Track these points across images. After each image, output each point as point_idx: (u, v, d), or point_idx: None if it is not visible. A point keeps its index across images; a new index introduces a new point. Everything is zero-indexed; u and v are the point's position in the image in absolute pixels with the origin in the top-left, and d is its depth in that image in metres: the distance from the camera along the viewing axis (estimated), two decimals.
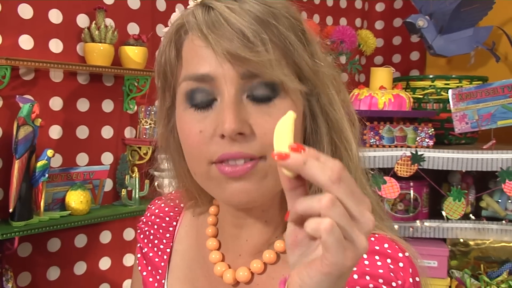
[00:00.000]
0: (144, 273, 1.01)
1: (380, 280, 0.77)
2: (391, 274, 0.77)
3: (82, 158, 2.13)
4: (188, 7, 0.81)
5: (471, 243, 2.42)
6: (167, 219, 1.02)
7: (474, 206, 2.35)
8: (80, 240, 2.16)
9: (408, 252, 0.80)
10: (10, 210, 1.83)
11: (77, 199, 1.97)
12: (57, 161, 2.02)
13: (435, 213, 2.35)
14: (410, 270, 0.78)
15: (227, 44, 0.72)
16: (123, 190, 2.16)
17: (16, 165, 1.82)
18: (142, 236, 1.04)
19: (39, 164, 1.88)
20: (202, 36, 0.74)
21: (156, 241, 1.01)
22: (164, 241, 1.00)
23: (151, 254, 1.01)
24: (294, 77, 0.76)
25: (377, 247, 0.81)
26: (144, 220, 1.05)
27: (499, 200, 2.31)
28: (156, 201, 1.07)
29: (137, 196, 2.16)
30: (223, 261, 0.89)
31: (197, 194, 0.93)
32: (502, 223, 2.27)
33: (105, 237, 2.20)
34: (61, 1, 2.02)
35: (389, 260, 0.78)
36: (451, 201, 2.24)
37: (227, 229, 0.90)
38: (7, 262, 1.91)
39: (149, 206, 1.07)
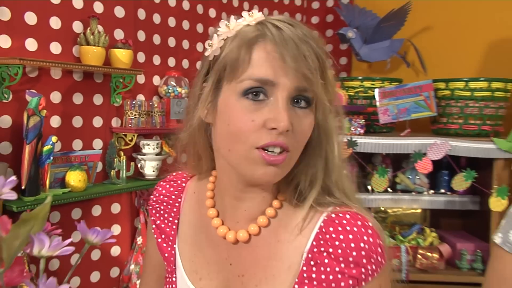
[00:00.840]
0: (159, 240, 1.02)
1: (357, 252, 0.80)
2: (364, 237, 0.80)
3: (77, 144, 2.11)
4: (244, 19, 0.83)
5: (389, 210, 2.56)
6: (173, 197, 1.03)
7: (391, 181, 2.42)
8: (76, 213, 2.13)
9: (371, 222, 0.82)
10: (22, 187, 1.81)
11: (76, 178, 1.97)
12: (57, 146, 1.98)
13: (361, 188, 2.40)
14: (376, 235, 0.81)
15: (294, 62, 0.76)
16: (112, 171, 2.15)
17: (27, 149, 1.81)
18: (154, 211, 1.05)
19: (45, 148, 1.87)
20: (278, 48, 0.77)
21: (166, 215, 1.02)
22: (172, 214, 1.02)
23: (163, 226, 1.02)
24: (325, 96, 0.81)
25: (353, 220, 0.83)
26: (154, 199, 1.05)
27: (410, 177, 2.42)
28: (161, 183, 1.07)
29: (124, 175, 2.16)
30: (223, 225, 0.92)
31: (206, 161, 0.96)
32: (412, 194, 2.40)
33: (96, 210, 2.18)
34: (60, 10, 2.01)
35: (363, 235, 0.80)
36: (377, 177, 2.31)
37: (227, 201, 0.91)
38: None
39: (156, 187, 1.07)
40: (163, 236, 1.00)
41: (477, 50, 2.72)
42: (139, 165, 2.22)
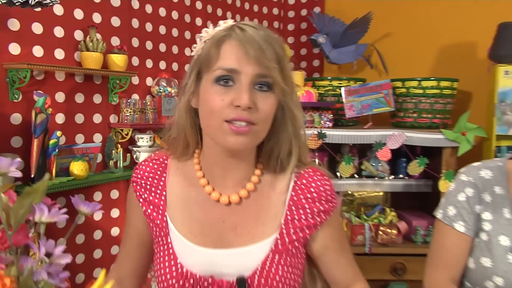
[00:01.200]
0: (148, 211, 1.03)
1: (324, 193, 0.98)
2: (326, 184, 0.99)
3: (79, 138, 2.12)
4: (220, 26, 0.93)
5: (355, 194, 2.59)
6: (158, 173, 1.05)
7: (357, 168, 2.46)
8: (80, 198, 2.15)
9: (326, 175, 1.01)
10: (32, 176, 1.84)
11: (78, 168, 1.98)
12: (62, 139, 2.00)
13: (334, 175, 2.38)
14: (331, 182, 1.00)
15: (254, 54, 0.86)
16: (110, 161, 2.17)
17: (35, 142, 1.82)
18: (139, 187, 1.05)
19: (51, 142, 1.88)
20: (239, 44, 0.87)
21: (153, 189, 1.04)
22: (159, 187, 1.04)
23: (150, 198, 1.03)
24: (282, 82, 0.90)
25: (318, 177, 0.99)
26: (139, 176, 1.06)
27: (373, 164, 2.44)
28: (143, 162, 1.08)
29: (121, 165, 2.17)
30: (215, 191, 0.98)
31: (192, 141, 1.01)
32: (375, 179, 2.44)
33: (97, 196, 2.20)
34: (63, 20, 2.01)
35: (325, 181, 0.99)
36: (344, 164, 2.34)
37: (215, 171, 0.99)
38: None
39: (138, 166, 1.09)
40: (151, 207, 1.02)
41: (429, 54, 2.79)
42: (134, 156, 2.23)
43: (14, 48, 1.84)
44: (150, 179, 1.04)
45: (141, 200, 1.03)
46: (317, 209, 0.97)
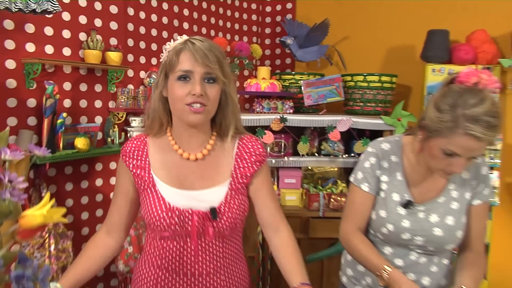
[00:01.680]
0: (138, 172, 1.17)
1: (257, 150, 1.21)
2: (259, 144, 1.22)
3: (83, 119, 2.21)
4: (178, 41, 1.12)
5: (315, 169, 2.72)
6: (141, 147, 1.20)
7: (317, 148, 2.59)
8: (84, 168, 2.26)
9: (258, 139, 1.24)
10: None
11: (81, 143, 2.08)
12: (68, 120, 2.11)
13: (295, 153, 2.56)
14: (262, 143, 1.24)
15: (201, 59, 1.07)
16: (108, 138, 2.27)
17: (46, 122, 1.95)
18: (127, 157, 1.19)
19: (59, 121, 1.99)
20: (191, 53, 1.08)
21: (138, 157, 1.18)
22: (144, 156, 1.18)
23: (138, 164, 1.18)
24: (222, 76, 1.11)
25: (253, 141, 1.22)
26: (128, 149, 1.20)
27: (330, 145, 2.55)
28: (129, 141, 1.23)
29: (117, 142, 2.28)
30: (185, 152, 1.16)
31: (166, 121, 1.18)
32: (331, 157, 2.55)
33: (98, 166, 2.31)
34: (70, 25, 2.11)
35: (258, 143, 1.22)
36: (301, 144, 2.49)
37: (183, 139, 1.16)
38: (42, 178, 2.02)
39: (126, 143, 1.23)
40: (139, 170, 1.17)
41: (377, 54, 2.93)
42: (128, 135, 2.33)
43: (30, 47, 1.97)
44: (136, 151, 1.20)
45: (130, 166, 1.18)
46: (254, 159, 1.20)
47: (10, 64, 1.94)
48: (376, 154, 1.34)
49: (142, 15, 2.50)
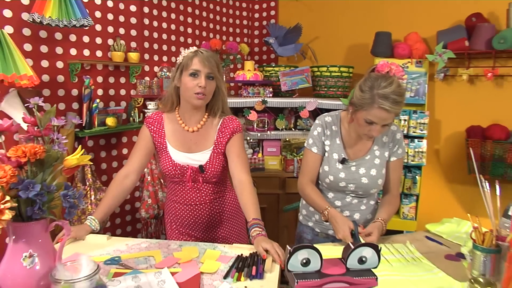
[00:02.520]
0: (156, 136, 1.33)
1: (232, 125, 1.32)
2: (237, 121, 1.32)
3: (112, 104, 2.40)
4: (190, 50, 1.27)
5: (291, 141, 2.79)
6: (159, 119, 1.35)
7: (294, 124, 2.67)
8: (113, 140, 2.45)
9: (237, 119, 1.35)
10: (83, 125, 2.17)
11: (111, 121, 2.28)
12: (101, 104, 2.30)
13: (276, 128, 2.66)
14: (240, 122, 1.33)
15: (208, 63, 1.24)
16: (131, 118, 2.46)
17: (84, 106, 2.18)
18: (149, 125, 1.35)
19: (94, 105, 2.21)
20: (201, 59, 1.25)
21: (156, 128, 1.34)
22: (160, 127, 1.34)
23: (157, 130, 1.34)
24: (218, 75, 1.28)
25: (232, 120, 1.33)
26: (150, 121, 1.36)
27: (304, 121, 2.64)
28: (151, 114, 1.39)
29: (137, 120, 2.46)
30: (187, 126, 1.32)
31: (176, 103, 1.32)
32: (304, 131, 2.64)
33: (124, 139, 2.50)
34: (101, 33, 2.30)
35: (235, 120, 1.33)
36: (279, 120, 2.64)
37: (186, 116, 1.31)
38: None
39: (148, 116, 1.38)
40: (157, 135, 1.34)
41: (340, 50, 3.07)
42: (145, 115, 2.47)
43: (73, 51, 2.19)
44: (155, 123, 1.37)
45: (151, 131, 1.35)
46: (229, 131, 1.34)
47: (59, 64, 2.14)
48: (321, 125, 1.42)
49: (155, 23, 2.70)
